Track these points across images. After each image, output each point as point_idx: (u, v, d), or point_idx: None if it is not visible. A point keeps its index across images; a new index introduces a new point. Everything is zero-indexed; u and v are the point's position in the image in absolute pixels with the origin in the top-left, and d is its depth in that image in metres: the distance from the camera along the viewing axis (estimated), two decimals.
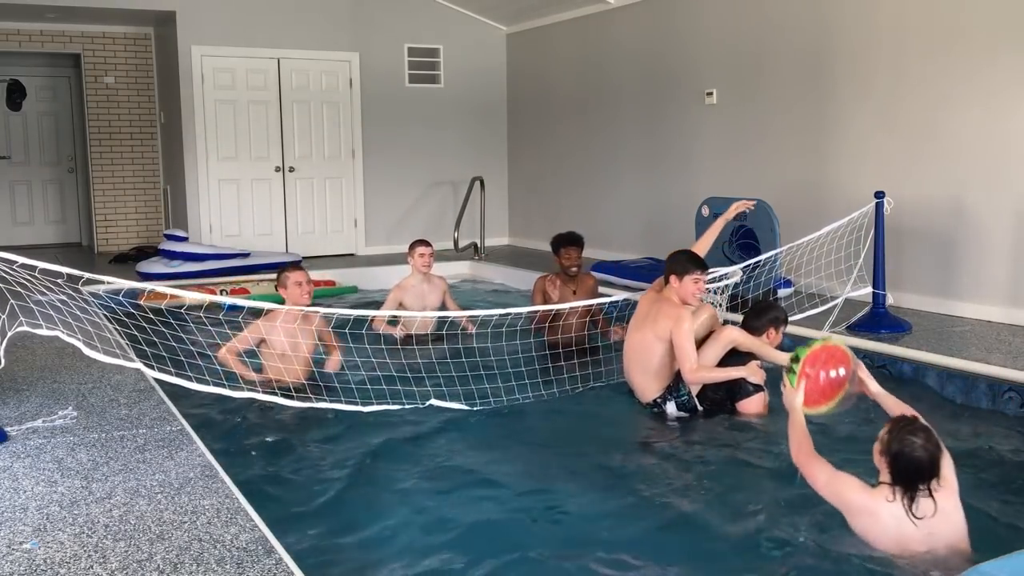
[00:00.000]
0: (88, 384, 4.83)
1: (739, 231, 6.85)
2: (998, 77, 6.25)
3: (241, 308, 4.93)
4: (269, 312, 5.19)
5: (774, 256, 6.26)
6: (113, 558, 2.80)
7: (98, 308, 4.67)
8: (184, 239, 9.32)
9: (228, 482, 3.44)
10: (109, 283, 4.44)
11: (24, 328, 3.93)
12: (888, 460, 3.08)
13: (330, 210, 10.84)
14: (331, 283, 8.80)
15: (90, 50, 11.02)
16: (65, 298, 4.21)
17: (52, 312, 4.10)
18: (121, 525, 3.05)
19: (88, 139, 11.17)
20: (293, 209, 10.66)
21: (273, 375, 5.08)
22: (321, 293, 7.94)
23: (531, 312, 6.13)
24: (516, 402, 4.98)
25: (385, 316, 6.46)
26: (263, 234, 10.49)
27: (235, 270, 9.15)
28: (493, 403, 4.89)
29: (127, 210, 11.39)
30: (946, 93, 6.57)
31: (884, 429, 3.15)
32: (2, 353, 3.84)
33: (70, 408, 4.37)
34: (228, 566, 2.74)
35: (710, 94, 8.56)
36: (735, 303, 6.19)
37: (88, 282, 4.04)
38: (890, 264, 6.30)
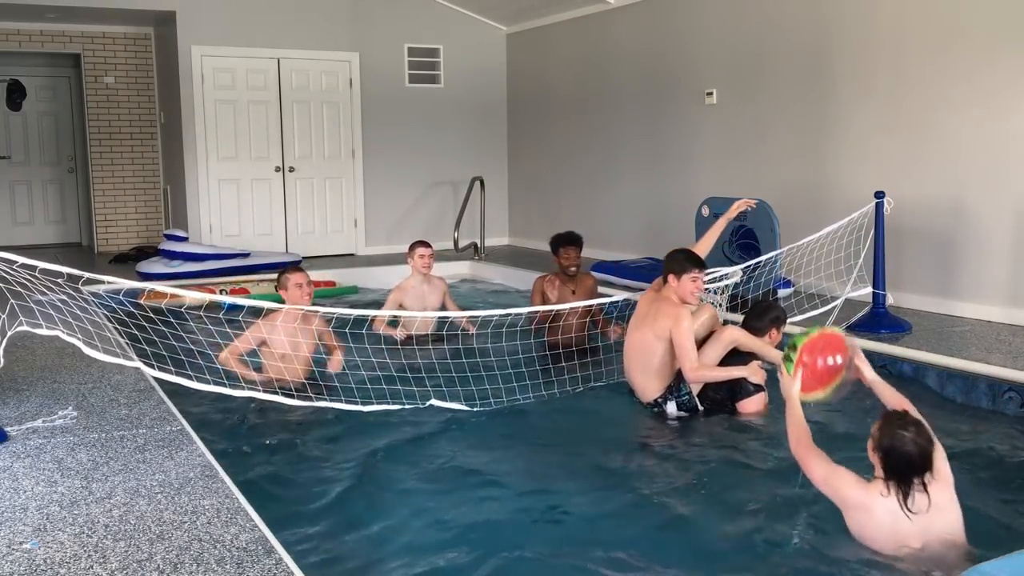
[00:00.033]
0: (88, 384, 4.83)
1: (739, 231, 6.85)
2: (998, 77, 6.25)
3: (241, 308, 4.93)
4: (269, 312, 5.19)
5: (774, 256, 6.26)
6: (113, 558, 2.81)
7: (98, 308, 4.68)
8: (184, 239, 9.32)
9: (228, 482, 3.44)
10: (109, 283, 4.44)
11: (24, 328, 3.93)
12: (880, 455, 3.09)
13: (330, 210, 10.84)
14: (331, 283, 8.79)
15: (90, 50, 11.02)
16: (65, 298, 4.21)
17: (52, 312, 4.11)
18: (121, 525, 3.05)
19: (88, 139, 11.17)
20: (293, 209, 10.66)
21: (274, 374, 5.08)
22: (321, 294, 7.94)
23: (531, 313, 6.14)
24: (516, 402, 4.98)
25: (385, 317, 6.46)
26: (263, 234, 10.49)
27: (235, 270, 9.15)
28: (494, 404, 4.89)
29: (127, 210, 11.39)
30: (946, 93, 6.57)
31: (875, 425, 3.15)
32: (1, 353, 3.85)
33: (70, 408, 4.37)
34: (228, 566, 2.74)
35: (710, 94, 8.56)
36: (735, 303, 6.20)
37: (88, 282, 4.04)
38: (890, 264, 6.30)
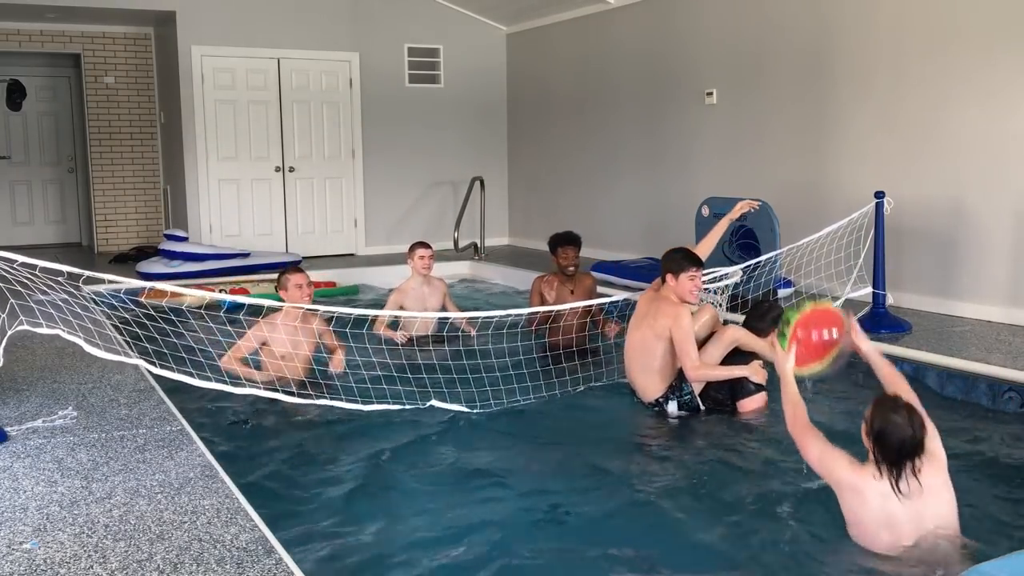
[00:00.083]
0: (88, 384, 4.83)
1: (739, 231, 6.84)
2: (997, 77, 6.25)
3: (241, 307, 4.94)
4: (270, 312, 5.19)
5: (774, 256, 6.26)
6: (113, 558, 2.81)
7: (98, 307, 4.68)
8: (184, 239, 9.32)
9: (228, 482, 3.44)
10: (110, 281, 4.44)
11: (24, 327, 3.93)
12: (872, 439, 3.08)
13: (330, 210, 10.84)
14: (331, 284, 8.79)
15: (90, 50, 11.01)
16: (66, 297, 4.21)
17: (52, 311, 4.11)
18: (121, 525, 3.05)
19: (88, 139, 11.16)
20: (293, 209, 10.65)
21: (274, 371, 5.08)
22: (321, 294, 7.94)
23: (531, 313, 6.13)
24: (516, 403, 4.98)
25: (385, 317, 6.46)
26: (263, 234, 10.49)
27: (235, 270, 9.15)
28: (494, 406, 4.89)
29: (127, 210, 11.39)
30: (945, 93, 6.57)
31: (868, 409, 3.15)
32: (1, 352, 3.85)
33: (70, 408, 4.37)
34: (228, 566, 2.74)
35: (710, 94, 8.56)
36: (735, 303, 6.20)
37: (88, 280, 4.04)
38: (890, 264, 6.30)
